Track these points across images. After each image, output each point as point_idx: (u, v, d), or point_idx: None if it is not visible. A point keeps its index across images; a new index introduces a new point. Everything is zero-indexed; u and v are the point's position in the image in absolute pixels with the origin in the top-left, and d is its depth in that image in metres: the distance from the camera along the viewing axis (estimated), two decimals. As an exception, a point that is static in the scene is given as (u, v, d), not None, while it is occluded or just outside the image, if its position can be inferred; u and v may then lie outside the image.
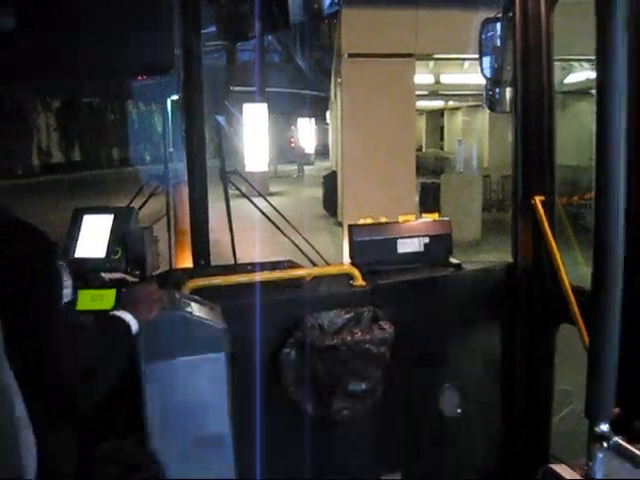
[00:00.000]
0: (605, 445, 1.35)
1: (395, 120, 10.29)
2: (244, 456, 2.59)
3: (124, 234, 2.63)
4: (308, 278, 3.14)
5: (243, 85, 22.92)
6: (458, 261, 3.34)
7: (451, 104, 29.60)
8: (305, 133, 33.20)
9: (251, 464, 2.71)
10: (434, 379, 3.27)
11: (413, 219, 3.35)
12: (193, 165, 3.59)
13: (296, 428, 2.94)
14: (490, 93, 3.15)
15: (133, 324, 2.11)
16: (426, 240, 3.28)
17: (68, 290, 1.89)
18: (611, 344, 1.32)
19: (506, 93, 3.08)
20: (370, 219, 3.32)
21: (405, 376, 3.16)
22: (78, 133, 35.55)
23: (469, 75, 14.84)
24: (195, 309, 2.44)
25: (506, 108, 3.12)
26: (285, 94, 29.51)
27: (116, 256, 2.61)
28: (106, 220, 2.66)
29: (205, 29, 4.01)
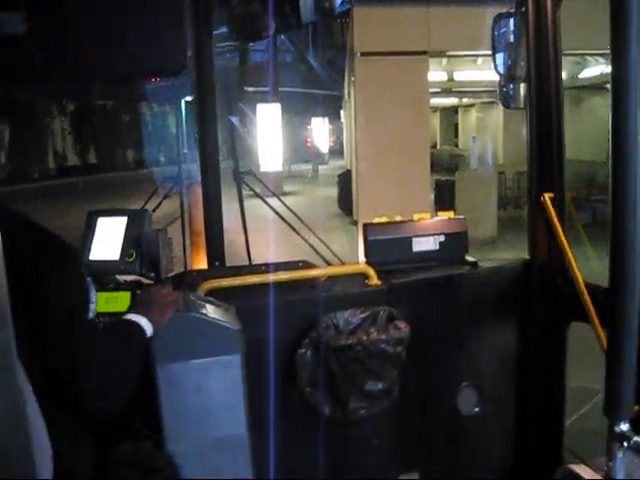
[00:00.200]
0: (625, 445, 1.33)
1: (409, 118, 10.26)
2: (260, 457, 2.59)
3: (138, 236, 2.63)
4: (323, 278, 3.13)
5: (256, 85, 23.01)
6: (474, 259, 3.32)
7: (465, 101, 29.48)
8: (319, 132, 33.19)
9: (267, 465, 2.70)
10: (450, 378, 3.26)
11: (428, 217, 3.34)
12: (206, 166, 3.59)
13: (312, 428, 2.94)
14: (504, 89, 3.13)
15: (147, 328, 2.11)
16: (441, 238, 3.26)
17: (93, 306, 1.89)
18: (630, 342, 1.30)
19: (520, 89, 3.06)
20: (385, 218, 3.30)
21: (421, 375, 3.15)
22: (93, 136, 35.77)
23: (483, 72, 14.79)
24: (210, 311, 2.43)
25: (520, 104, 3.10)
26: (298, 94, 29.51)
27: (130, 258, 2.61)
28: (120, 222, 2.66)
29: (217, 30, 4.00)
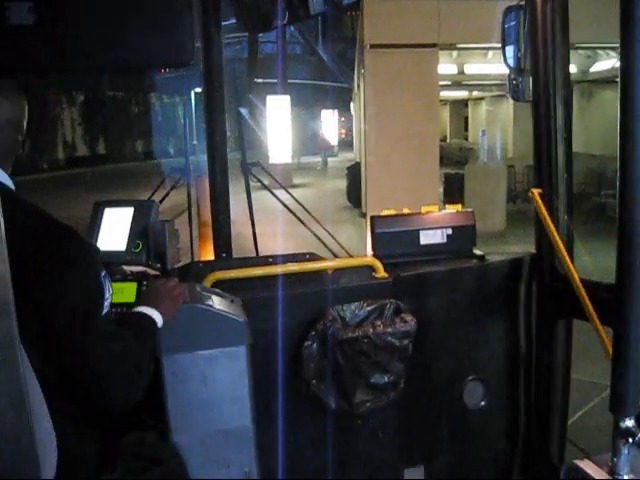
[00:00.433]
0: (630, 441, 1.32)
1: (419, 111, 10.23)
2: (266, 449, 2.59)
3: (145, 227, 2.62)
4: (330, 270, 3.13)
5: (266, 77, 23.01)
6: (482, 252, 3.31)
7: (475, 94, 29.37)
8: (329, 125, 33.12)
9: (273, 457, 2.71)
10: (456, 372, 3.25)
11: (436, 210, 3.32)
12: (214, 157, 3.58)
13: (318, 421, 2.94)
14: (514, 82, 3.11)
15: (158, 320, 2.12)
16: (449, 231, 3.25)
17: (109, 302, 1.89)
18: (636, 339, 1.29)
19: (529, 82, 3.04)
20: (393, 210, 3.29)
21: (427, 369, 3.14)
22: (102, 126, 35.80)
23: (493, 65, 14.72)
24: (216, 302, 2.43)
25: (529, 97, 3.09)
26: (308, 86, 29.50)
27: (137, 249, 2.60)
28: (127, 213, 2.66)
29: (226, 21, 3.99)
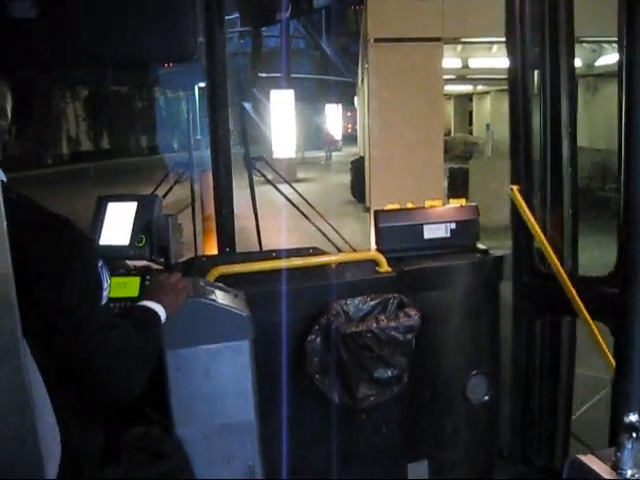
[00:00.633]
0: (634, 435, 1.32)
1: (423, 105, 10.19)
2: (269, 443, 2.59)
3: (148, 222, 2.63)
4: (333, 265, 3.12)
5: (269, 72, 23.00)
6: (485, 247, 3.30)
7: (480, 88, 29.28)
8: (332, 119, 33.05)
9: (276, 451, 2.71)
10: (460, 366, 3.25)
11: (440, 204, 3.32)
12: (217, 152, 3.57)
13: (321, 415, 2.94)
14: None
15: (162, 313, 2.11)
16: (453, 226, 3.25)
17: (107, 292, 1.88)
18: (639, 335, 1.29)
19: (534, 76, 3.04)
20: (397, 205, 3.29)
21: (431, 363, 3.14)
22: (106, 121, 35.77)
23: (497, 59, 14.66)
24: (219, 296, 2.43)
25: (534, 91, 3.08)
26: (312, 80, 29.46)
27: (140, 244, 2.61)
28: (130, 208, 2.66)
29: (230, 15, 3.98)
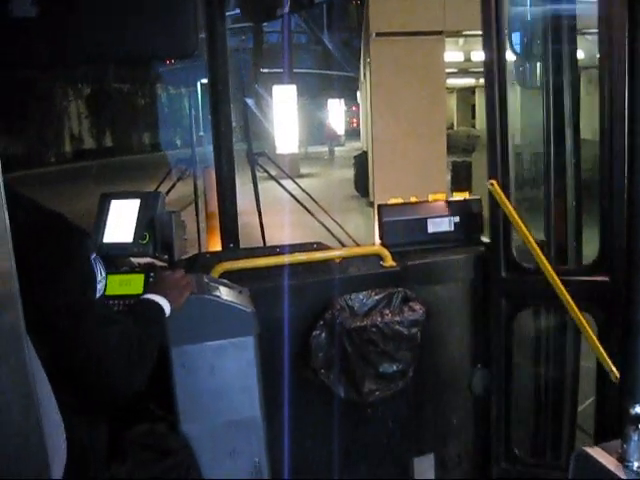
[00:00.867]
0: (640, 427, 1.32)
1: (425, 99, 10.16)
2: (275, 438, 2.59)
3: (151, 219, 2.62)
4: (337, 260, 3.12)
5: (271, 67, 22.97)
6: (489, 240, 3.29)
7: (482, 81, 29.19)
8: (335, 114, 32.99)
9: (282, 446, 2.71)
10: (465, 360, 3.24)
11: (443, 198, 3.31)
12: (220, 148, 3.56)
13: (326, 410, 2.94)
14: (520, 69, 3.10)
15: (166, 307, 2.11)
16: (456, 219, 3.24)
17: (102, 284, 1.88)
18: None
19: (536, 68, 3.03)
20: (400, 199, 3.28)
21: (436, 357, 3.14)
22: (109, 119, 35.77)
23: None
24: (224, 293, 2.43)
25: (536, 84, 3.07)
26: (314, 75, 29.40)
27: (144, 241, 2.60)
28: (133, 205, 2.66)
29: (231, 11, 3.97)
